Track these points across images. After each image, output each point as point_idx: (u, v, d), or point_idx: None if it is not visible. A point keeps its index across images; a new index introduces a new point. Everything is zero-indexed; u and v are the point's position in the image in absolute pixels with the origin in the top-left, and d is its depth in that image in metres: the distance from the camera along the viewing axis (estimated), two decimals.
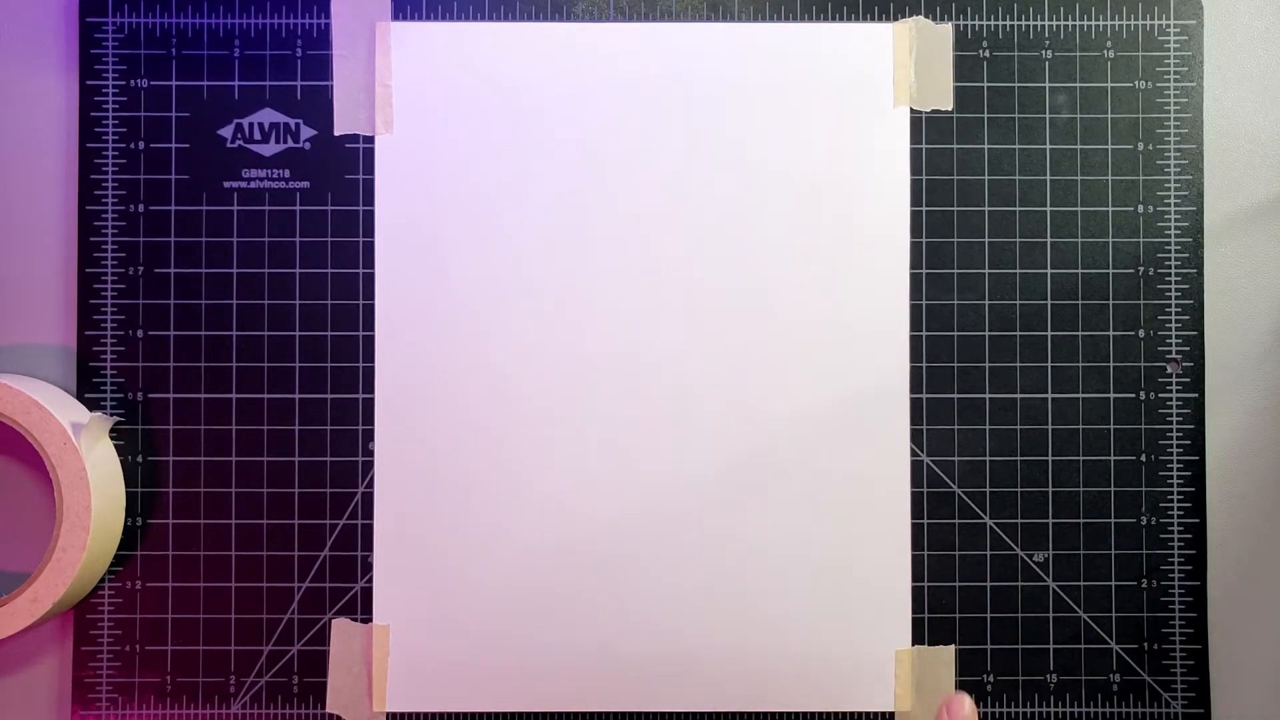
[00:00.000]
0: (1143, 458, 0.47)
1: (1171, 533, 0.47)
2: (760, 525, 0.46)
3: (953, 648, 0.46)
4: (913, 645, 0.46)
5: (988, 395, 0.47)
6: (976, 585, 0.46)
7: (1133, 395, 0.47)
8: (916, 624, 0.46)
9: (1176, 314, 0.47)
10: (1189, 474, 0.47)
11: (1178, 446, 0.47)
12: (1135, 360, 0.47)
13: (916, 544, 0.46)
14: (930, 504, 0.46)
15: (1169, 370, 0.47)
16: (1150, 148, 0.47)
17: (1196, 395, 0.47)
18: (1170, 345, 0.47)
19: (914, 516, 0.46)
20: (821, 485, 0.46)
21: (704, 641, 0.46)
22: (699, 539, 0.46)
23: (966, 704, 0.43)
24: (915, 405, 0.47)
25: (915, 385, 0.47)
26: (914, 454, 0.47)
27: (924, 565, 0.46)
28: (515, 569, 0.46)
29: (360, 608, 0.46)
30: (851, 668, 0.46)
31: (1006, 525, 0.46)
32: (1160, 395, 0.47)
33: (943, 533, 0.46)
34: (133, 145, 0.47)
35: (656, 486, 0.46)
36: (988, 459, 0.47)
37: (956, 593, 0.46)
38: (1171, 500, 0.47)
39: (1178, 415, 0.47)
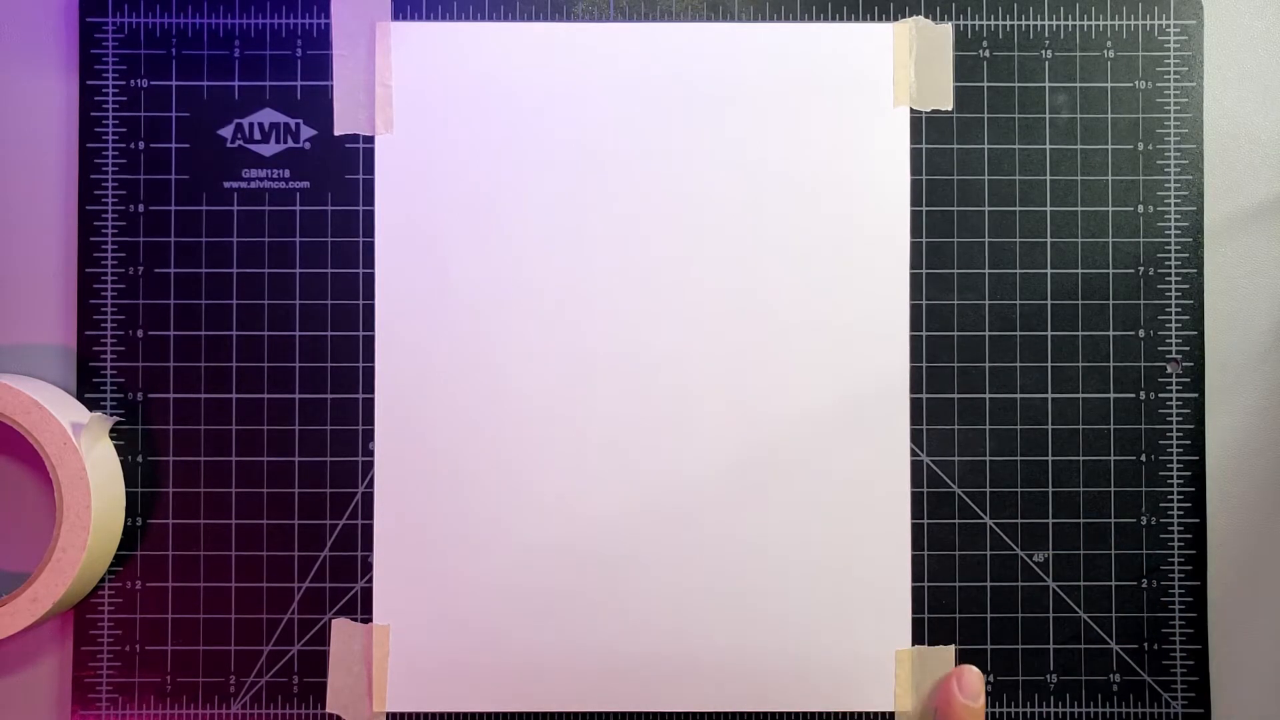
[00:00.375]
0: (1143, 458, 0.47)
1: (1171, 533, 0.47)
2: (760, 525, 0.46)
3: (953, 648, 0.46)
4: (913, 645, 0.46)
5: (988, 395, 0.47)
6: (976, 585, 0.46)
7: (1133, 395, 0.47)
8: (916, 624, 0.46)
9: (1176, 314, 0.47)
10: (1189, 474, 0.47)
11: (1178, 446, 0.47)
12: (1135, 360, 0.47)
13: (916, 544, 0.46)
14: (930, 504, 0.46)
15: (1169, 370, 0.47)
16: (1150, 148, 0.47)
17: (1196, 395, 0.47)
18: (1170, 345, 0.47)
19: (914, 516, 0.46)
20: (821, 485, 0.46)
21: (704, 641, 0.46)
22: (699, 539, 0.46)
23: (976, 678, 0.43)
24: (915, 405, 0.47)
25: (915, 385, 0.47)
26: (914, 454, 0.47)
27: (924, 565, 0.46)
28: (515, 569, 0.46)
29: (360, 608, 0.46)
30: (851, 668, 0.46)
31: (1006, 525, 0.46)
32: (1160, 395, 0.47)
33: (943, 533, 0.46)
34: (133, 145, 0.47)
35: (656, 486, 0.46)
36: (988, 459, 0.47)
37: (956, 593, 0.46)
38: (1171, 500, 0.47)
39: (1178, 415, 0.47)
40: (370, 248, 0.47)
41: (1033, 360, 0.47)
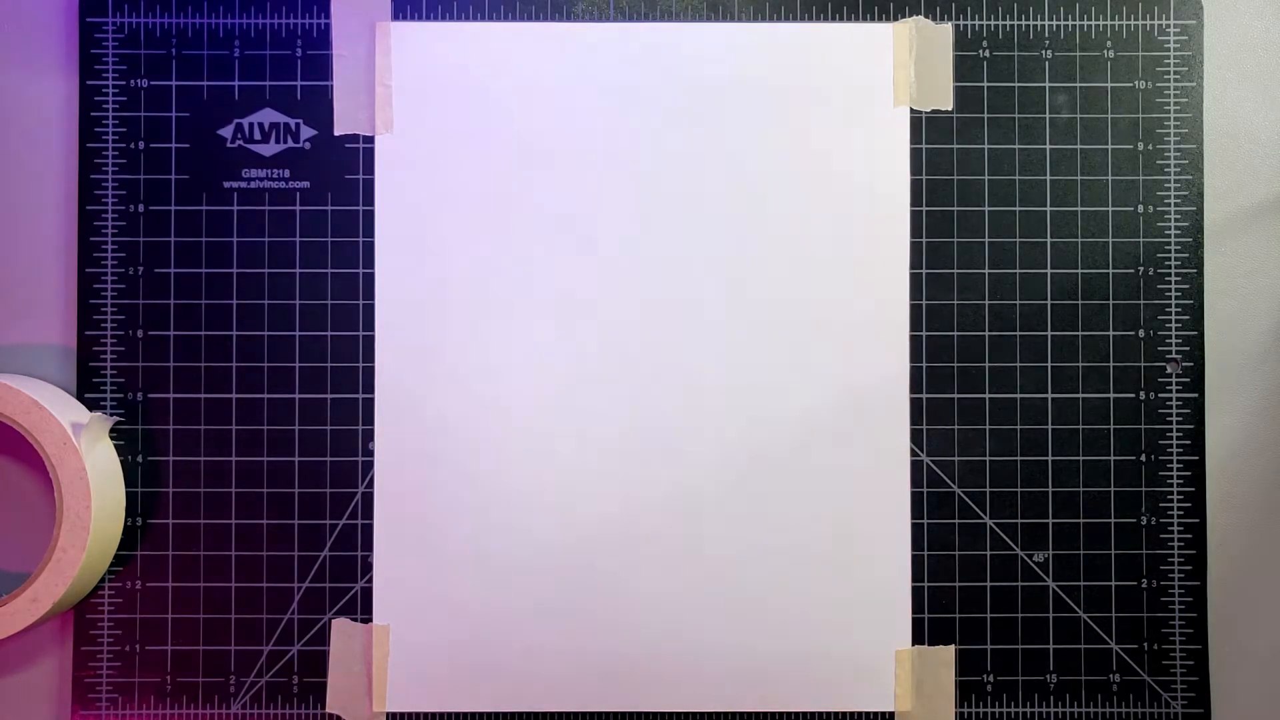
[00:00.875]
0: (1143, 458, 0.47)
1: (1171, 533, 0.47)
2: (760, 525, 0.46)
3: (953, 648, 0.46)
4: (913, 645, 0.46)
5: (988, 395, 0.47)
6: (976, 585, 0.46)
7: (1133, 395, 0.47)
8: (916, 624, 0.46)
9: (1176, 314, 0.47)
10: (1189, 474, 0.47)
11: (1178, 446, 0.47)
12: (1135, 360, 0.47)
13: (916, 544, 0.46)
14: (930, 504, 0.46)
15: (1169, 370, 0.47)
16: (1150, 148, 0.47)
17: (1196, 395, 0.47)
18: (1170, 345, 0.47)
19: (914, 516, 0.46)
20: (821, 485, 0.46)
21: (704, 641, 0.46)
22: (699, 539, 0.46)
23: None
24: (915, 405, 0.47)
25: (915, 385, 0.47)
26: (914, 454, 0.47)
27: (924, 565, 0.46)
28: (515, 569, 0.46)
29: (360, 608, 0.46)
30: (851, 668, 0.46)
31: (1006, 525, 0.46)
32: (1160, 395, 0.47)
33: (943, 533, 0.46)
34: (133, 145, 0.47)
35: (656, 486, 0.46)
36: (988, 459, 0.47)
37: (956, 593, 0.46)
38: (1171, 500, 0.47)
39: (1178, 415, 0.47)
40: (370, 248, 0.47)
41: (1033, 360, 0.47)
